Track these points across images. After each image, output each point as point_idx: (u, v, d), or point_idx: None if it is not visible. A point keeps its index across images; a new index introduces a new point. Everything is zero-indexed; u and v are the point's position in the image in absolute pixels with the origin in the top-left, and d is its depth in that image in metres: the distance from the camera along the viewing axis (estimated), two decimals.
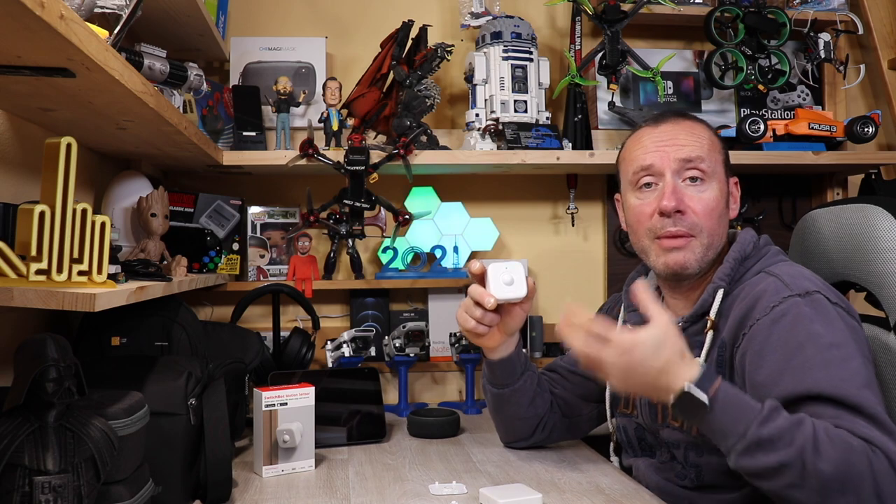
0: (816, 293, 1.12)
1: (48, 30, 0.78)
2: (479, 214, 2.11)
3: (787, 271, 1.18)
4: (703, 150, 1.26)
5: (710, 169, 1.25)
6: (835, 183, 2.20)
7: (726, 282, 1.22)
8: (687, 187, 1.25)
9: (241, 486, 1.31)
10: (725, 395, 1.02)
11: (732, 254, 1.25)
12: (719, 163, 1.29)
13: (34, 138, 1.28)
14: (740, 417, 1.01)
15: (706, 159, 1.25)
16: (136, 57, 1.32)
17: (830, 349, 1.06)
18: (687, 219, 1.23)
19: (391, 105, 1.90)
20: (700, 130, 1.29)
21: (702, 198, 1.24)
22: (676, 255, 1.24)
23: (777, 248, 1.30)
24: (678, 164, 1.25)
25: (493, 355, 1.41)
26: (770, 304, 1.13)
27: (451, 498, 1.23)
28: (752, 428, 0.99)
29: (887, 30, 2.14)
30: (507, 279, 1.26)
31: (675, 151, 1.25)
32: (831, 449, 0.96)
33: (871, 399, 1.02)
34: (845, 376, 1.03)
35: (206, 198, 1.90)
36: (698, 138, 1.27)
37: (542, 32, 2.13)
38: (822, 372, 1.04)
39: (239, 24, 2.06)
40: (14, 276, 0.93)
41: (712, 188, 1.25)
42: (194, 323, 1.51)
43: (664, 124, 1.30)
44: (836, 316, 1.10)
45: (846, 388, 1.02)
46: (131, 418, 0.99)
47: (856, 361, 1.06)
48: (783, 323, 1.10)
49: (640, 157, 1.29)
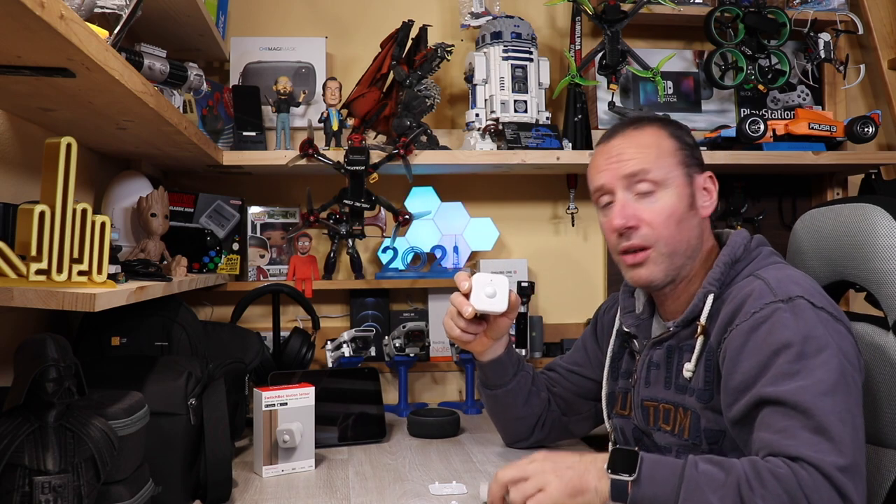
0: (800, 298, 1.11)
1: (48, 30, 0.78)
2: (479, 214, 2.11)
3: (776, 275, 1.17)
4: (650, 160, 1.24)
5: (660, 177, 1.24)
6: (835, 183, 2.20)
7: (716, 286, 1.22)
8: (639, 200, 1.24)
9: (241, 486, 1.31)
10: (648, 453, 1.04)
11: (723, 257, 1.24)
12: (673, 166, 1.25)
13: (34, 138, 1.28)
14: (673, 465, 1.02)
15: (653, 169, 1.24)
16: (136, 57, 1.32)
17: (800, 359, 1.06)
18: (640, 232, 1.23)
19: (391, 105, 1.90)
20: (648, 139, 1.27)
21: (654, 209, 1.23)
22: (639, 270, 1.25)
23: (770, 248, 1.28)
24: (625, 180, 1.25)
25: (483, 357, 1.43)
26: (751, 310, 1.12)
27: (451, 498, 1.23)
28: (688, 469, 1.00)
29: (887, 30, 2.14)
30: (490, 292, 1.28)
31: (621, 167, 1.25)
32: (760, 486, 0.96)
33: (826, 407, 1.01)
34: (807, 385, 1.03)
35: (206, 198, 1.90)
36: (644, 149, 1.26)
37: (542, 32, 2.13)
38: (786, 380, 1.05)
39: (239, 24, 2.06)
40: (14, 276, 0.93)
41: (666, 195, 1.24)
42: (194, 323, 1.51)
43: (614, 139, 1.29)
44: (816, 322, 1.09)
45: (803, 394, 1.02)
46: (131, 418, 0.99)
47: (824, 369, 1.05)
48: (761, 330, 1.10)
49: (595, 177, 1.30)
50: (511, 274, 2.09)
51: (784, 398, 1.03)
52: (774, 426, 1.03)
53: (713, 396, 1.17)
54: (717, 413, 1.16)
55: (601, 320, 1.52)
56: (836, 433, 1.00)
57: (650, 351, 1.29)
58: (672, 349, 1.26)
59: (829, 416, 1.01)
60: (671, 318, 1.29)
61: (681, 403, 1.22)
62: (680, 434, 1.22)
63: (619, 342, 1.41)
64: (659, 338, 1.28)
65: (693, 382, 1.20)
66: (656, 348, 1.28)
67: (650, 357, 1.29)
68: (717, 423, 1.16)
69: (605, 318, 1.50)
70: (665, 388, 1.26)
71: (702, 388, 1.18)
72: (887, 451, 1.26)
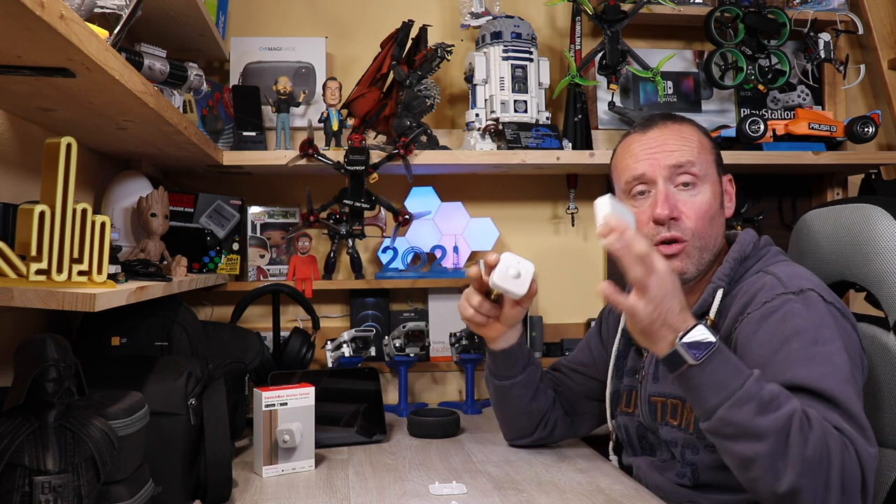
0: (811, 291, 1.13)
1: (48, 30, 0.78)
2: (479, 214, 2.11)
3: (786, 271, 1.19)
4: (693, 153, 1.26)
5: (701, 172, 1.25)
6: (835, 183, 2.20)
7: (725, 282, 1.23)
8: (680, 192, 1.25)
9: (241, 486, 1.31)
10: (725, 347, 1.04)
11: (732, 254, 1.26)
12: (710, 163, 1.28)
13: (34, 138, 1.28)
14: (738, 370, 1.02)
15: (696, 163, 1.25)
16: (136, 57, 1.32)
17: (815, 345, 1.07)
18: (681, 224, 1.24)
19: (391, 105, 1.90)
20: (689, 133, 1.29)
21: (694, 202, 1.25)
22: (674, 262, 1.24)
23: (777, 248, 1.30)
24: (669, 170, 1.25)
25: (494, 346, 1.41)
26: (763, 300, 1.14)
27: (451, 498, 1.23)
28: (750, 382, 1.00)
29: (887, 30, 2.14)
30: (514, 273, 1.25)
31: (665, 158, 1.26)
32: (812, 428, 0.98)
33: (851, 395, 1.03)
34: (827, 371, 1.04)
35: (206, 198, 1.90)
36: (687, 142, 1.27)
37: (542, 32, 2.13)
38: (804, 366, 1.05)
39: (239, 24, 2.06)
40: (14, 276, 0.93)
41: (705, 191, 1.26)
42: (194, 323, 1.51)
43: (652, 130, 1.30)
44: (827, 314, 1.11)
45: (827, 381, 1.03)
46: (131, 418, 0.99)
47: (839, 358, 1.06)
48: (773, 319, 1.11)
49: (632, 167, 1.29)
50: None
51: (808, 384, 1.04)
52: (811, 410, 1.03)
53: None
54: None
55: (606, 320, 1.52)
56: (863, 421, 1.02)
57: None
58: None
59: (855, 404, 1.03)
60: None
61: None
62: (686, 428, 1.22)
63: (624, 341, 1.41)
64: None
65: None
66: None
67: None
68: None
69: (610, 318, 1.51)
70: (673, 383, 1.26)
71: None
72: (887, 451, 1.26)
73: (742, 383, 1.00)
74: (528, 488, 1.26)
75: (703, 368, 1.02)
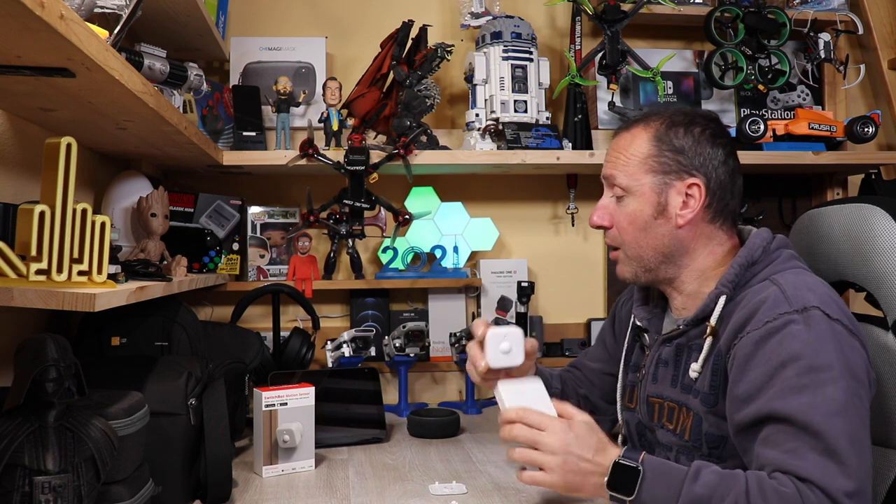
0: (815, 309, 1.09)
1: (48, 30, 0.78)
2: (479, 214, 2.11)
3: (793, 282, 1.15)
4: (617, 166, 1.26)
5: (626, 184, 1.25)
6: (835, 183, 2.20)
7: (729, 288, 1.20)
8: (616, 202, 1.28)
9: (241, 486, 1.31)
10: (652, 461, 1.08)
11: (738, 259, 1.22)
12: (642, 174, 1.24)
13: (34, 138, 1.28)
14: (671, 482, 1.05)
15: (618, 176, 1.26)
16: (136, 57, 1.32)
17: (809, 373, 1.05)
18: (610, 232, 1.29)
19: (391, 105, 1.90)
20: (625, 142, 1.27)
21: (623, 213, 1.26)
22: (617, 266, 1.31)
23: (791, 252, 1.24)
24: (605, 181, 1.30)
25: None
26: (764, 319, 1.11)
27: (451, 498, 1.23)
28: (685, 488, 1.03)
29: (887, 30, 2.14)
30: (506, 347, 1.25)
31: (604, 169, 1.30)
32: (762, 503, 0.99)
33: (835, 428, 1.01)
34: (816, 402, 1.03)
35: (206, 198, 1.90)
36: (618, 153, 1.27)
37: (542, 32, 2.13)
38: (794, 396, 1.04)
39: (239, 24, 2.06)
40: (14, 276, 0.93)
41: (633, 202, 1.25)
42: (194, 323, 1.51)
43: (617, 136, 1.32)
44: (829, 335, 1.08)
45: (813, 414, 1.02)
46: (131, 418, 0.99)
47: (833, 387, 1.04)
48: (771, 341, 1.09)
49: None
50: (511, 274, 2.09)
51: (793, 416, 1.02)
52: (783, 445, 1.02)
53: (717, 401, 1.16)
54: (720, 418, 1.16)
55: (618, 314, 1.51)
56: (845, 456, 0.99)
57: (660, 347, 1.29)
58: (681, 347, 1.25)
59: (838, 438, 1.00)
60: (680, 314, 1.29)
61: (685, 403, 1.22)
62: (681, 434, 1.22)
63: (632, 335, 1.40)
64: (669, 334, 1.27)
65: (698, 384, 1.19)
66: (666, 345, 1.28)
67: (659, 353, 1.29)
68: (720, 429, 1.16)
69: (622, 311, 1.49)
70: (671, 386, 1.25)
71: (707, 391, 1.17)
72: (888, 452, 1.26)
73: (678, 494, 1.03)
74: (528, 488, 1.26)
75: (640, 498, 1.06)
